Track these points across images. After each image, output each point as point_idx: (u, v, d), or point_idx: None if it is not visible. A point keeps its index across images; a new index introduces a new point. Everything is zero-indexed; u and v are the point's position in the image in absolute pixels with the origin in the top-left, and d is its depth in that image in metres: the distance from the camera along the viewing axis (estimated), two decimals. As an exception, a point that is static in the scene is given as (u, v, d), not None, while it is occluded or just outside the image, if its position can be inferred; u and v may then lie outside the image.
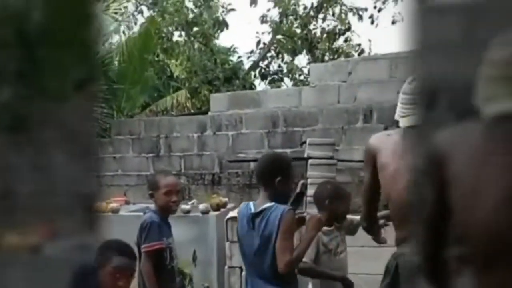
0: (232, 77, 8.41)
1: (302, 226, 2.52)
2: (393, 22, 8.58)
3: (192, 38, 8.60)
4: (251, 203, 2.50)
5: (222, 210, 4.44)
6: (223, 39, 10.16)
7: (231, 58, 9.65)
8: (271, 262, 2.33)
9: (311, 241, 2.45)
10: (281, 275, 2.33)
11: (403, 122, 2.02)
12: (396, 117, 2.09)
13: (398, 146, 1.98)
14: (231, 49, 9.72)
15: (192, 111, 8.16)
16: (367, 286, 4.07)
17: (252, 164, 5.77)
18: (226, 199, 5.12)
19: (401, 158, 1.91)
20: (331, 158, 5.21)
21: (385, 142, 2.12)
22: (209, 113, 6.48)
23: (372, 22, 8.60)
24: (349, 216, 2.80)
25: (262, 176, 2.49)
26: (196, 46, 8.69)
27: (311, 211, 3.07)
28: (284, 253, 2.29)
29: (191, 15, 8.69)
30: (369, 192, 2.27)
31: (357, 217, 2.70)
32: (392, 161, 2.00)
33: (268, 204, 2.36)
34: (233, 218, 4.64)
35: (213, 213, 4.11)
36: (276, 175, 2.37)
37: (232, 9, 8.64)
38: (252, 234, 2.39)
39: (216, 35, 8.78)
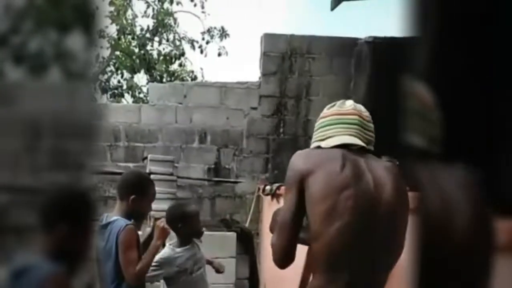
0: (71, 88, 8.03)
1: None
2: (219, 54, 9.19)
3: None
4: (105, 215, 2.55)
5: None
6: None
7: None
8: (113, 273, 2.34)
9: (156, 250, 2.49)
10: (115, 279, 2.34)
11: (327, 143, 1.74)
12: (316, 143, 1.80)
13: (336, 173, 1.60)
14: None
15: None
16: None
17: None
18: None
19: (339, 191, 1.57)
20: (171, 174, 5.45)
21: (320, 165, 1.64)
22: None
23: (201, 52, 9.09)
24: None
25: (118, 191, 2.48)
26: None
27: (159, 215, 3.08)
28: (128, 266, 2.31)
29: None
30: (291, 221, 1.69)
31: None
32: (329, 193, 1.59)
33: (114, 218, 2.38)
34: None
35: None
36: (132, 193, 2.39)
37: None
38: (101, 245, 2.38)
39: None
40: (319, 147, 1.80)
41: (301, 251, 2.80)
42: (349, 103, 1.88)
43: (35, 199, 1.20)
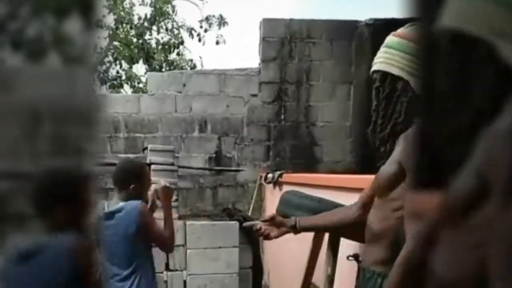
0: (69, 80, 8.03)
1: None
2: (217, 43, 9.20)
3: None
4: (105, 203, 2.64)
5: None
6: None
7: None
8: (130, 255, 2.44)
9: (170, 212, 2.58)
10: (133, 262, 2.45)
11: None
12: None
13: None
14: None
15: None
16: (212, 285, 4.44)
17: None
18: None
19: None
20: (172, 164, 5.47)
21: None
22: (46, 115, 6.20)
23: (199, 40, 9.08)
24: None
25: (117, 181, 2.59)
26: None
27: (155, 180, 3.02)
28: (163, 238, 2.48)
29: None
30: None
31: None
32: None
33: (121, 204, 2.50)
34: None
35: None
36: (131, 182, 2.50)
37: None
38: (108, 234, 2.45)
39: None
40: None
41: (303, 239, 2.85)
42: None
43: (35, 185, 1.25)
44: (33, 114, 1.03)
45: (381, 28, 5.51)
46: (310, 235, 2.50)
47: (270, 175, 4.98)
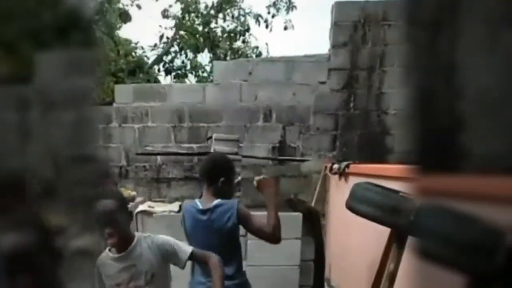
0: (136, 70, 8.22)
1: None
2: (285, 28, 9.00)
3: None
4: (197, 201, 2.59)
5: (131, 204, 4.42)
6: (125, 32, 9.90)
7: (135, 51, 9.45)
8: (226, 251, 2.45)
9: (274, 205, 2.52)
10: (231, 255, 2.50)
11: None
12: None
13: None
14: (135, 42, 9.52)
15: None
16: (272, 276, 4.32)
17: (159, 158, 5.76)
18: (134, 193, 5.08)
19: None
20: (236, 154, 5.39)
21: None
22: (114, 105, 6.33)
23: (267, 27, 8.94)
24: None
25: (207, 175, 2.59)
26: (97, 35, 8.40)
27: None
28: (263, 230, 2.46)
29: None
30: None
31: None
32: None
33: (217, 201, 2.52)
34: (143, 212, 4.66)
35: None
36: (220, 176, 2.54)
37: (138, 6, 8.41)
38: (203, 230, 2.50)
39: (118, 27, 8.57)
40: None
41: (368, 233, 2.62)
42: None
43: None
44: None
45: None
46: (375, 230, 2.31)
47: (336, 166, 4.75)
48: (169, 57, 8.90)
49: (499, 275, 1.38)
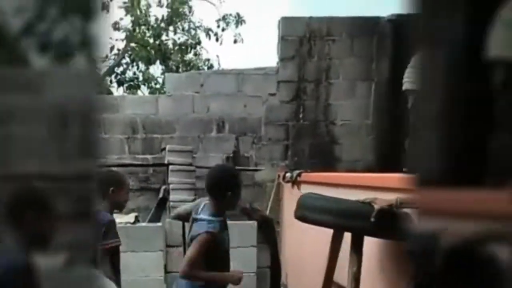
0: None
1: None
2: (235, 42, 9.24)
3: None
4: (196, 207, 2.75)
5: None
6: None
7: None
8: None
9: (218, 280, 2.81)
10: None
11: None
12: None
13: None
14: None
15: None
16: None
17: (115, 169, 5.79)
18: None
19: None
20: (190, 164, 5.53)
21: None
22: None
23: (217, 40, 9.14)
24: None
25: (213, 188, 2.63)
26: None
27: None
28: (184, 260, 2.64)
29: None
30: None
31: None
32: None
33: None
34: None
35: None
36: (228, 190, 2.58)
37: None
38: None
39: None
40: None
41: (321, 239, 2.83)
42: None
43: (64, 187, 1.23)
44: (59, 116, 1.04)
45: (403, 24, 5.46)
46: (328, 236, 2.51)
47: (288, 174, 4.99)
48: (121, 68, 8.93)
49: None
